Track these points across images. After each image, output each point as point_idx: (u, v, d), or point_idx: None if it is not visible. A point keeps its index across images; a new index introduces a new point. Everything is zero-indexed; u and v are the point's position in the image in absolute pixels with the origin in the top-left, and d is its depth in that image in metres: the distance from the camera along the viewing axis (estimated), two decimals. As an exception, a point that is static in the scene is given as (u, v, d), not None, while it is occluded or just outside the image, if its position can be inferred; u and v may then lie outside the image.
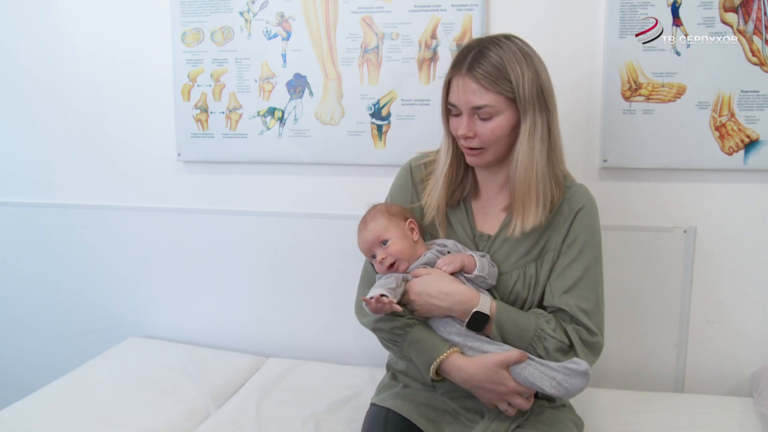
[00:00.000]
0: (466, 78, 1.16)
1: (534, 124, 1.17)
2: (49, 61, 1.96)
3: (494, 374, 1.16)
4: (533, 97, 1.16)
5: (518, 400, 1.18)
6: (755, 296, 1.63)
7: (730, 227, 1.62)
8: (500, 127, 1.18)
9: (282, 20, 1.77)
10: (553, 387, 1.13)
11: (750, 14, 1.51)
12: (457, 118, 1.22)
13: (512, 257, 1.26)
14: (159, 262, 1.99)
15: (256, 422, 1.50)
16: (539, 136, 1.18)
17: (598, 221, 1.28)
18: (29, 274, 2.10)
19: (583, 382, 1.13)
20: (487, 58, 1.15)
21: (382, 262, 1.25)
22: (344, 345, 1.87)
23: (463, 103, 1.18)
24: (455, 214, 1.32)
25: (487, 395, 1.19)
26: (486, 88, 1.15)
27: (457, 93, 1.18)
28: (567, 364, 1.14)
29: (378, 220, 1.29)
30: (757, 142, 1.56)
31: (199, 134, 1.88)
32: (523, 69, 1.15)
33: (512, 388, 1.16)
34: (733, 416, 1.48)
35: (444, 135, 1.29)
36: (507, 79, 1.15)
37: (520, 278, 1.25)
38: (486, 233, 1.29)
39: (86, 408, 1.53)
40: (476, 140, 1.19)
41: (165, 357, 1.85)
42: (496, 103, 1.16)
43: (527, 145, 1.18)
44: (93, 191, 2.01)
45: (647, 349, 1.70)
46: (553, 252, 1.24)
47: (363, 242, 1.29)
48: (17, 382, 2.05)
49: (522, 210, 1.21)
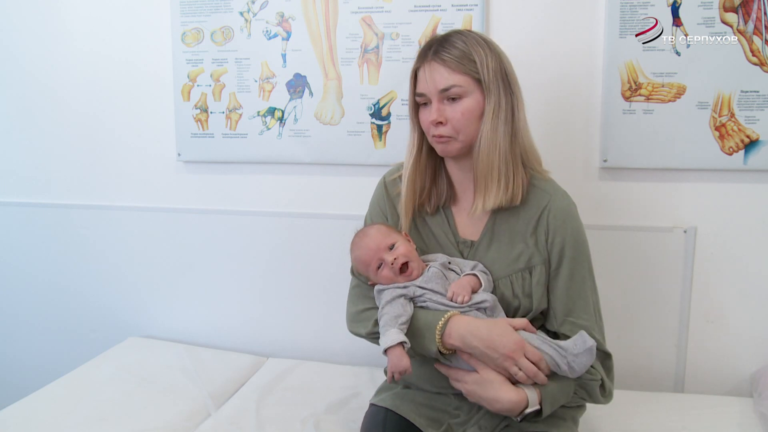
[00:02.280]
0: (432, 62, 1.19)
1: (498, 104, 1.19)
2: (49, 61, 1.96)
3: (499, 326, 1.16)
4: (497, 78, 1.18)
5: (527, 363, 1.15)
6: (755, 296, 1.63)
7: (730, 227, 1.62)
8: (469, 109, 1.19)
9: (282, 20, 1.77)
10: (565, 368, 1.14)
11: (750, 14, 1.51)
12: (426, 108, 1.22)
13: (499, 264, 1.25)
14: (159, 262, 1.99)
15: (255, 422, 1.50)
16: (503, 117, 1.19)
17: (583, 228, 1.27)
18: (29, 274, 2.11)
19: (590, 359, 1.14)
20: (450, 43, 1.19)
21: (394, 263, 1.21)
22: (344, 345, 1.86)
23: (432, 87, 1.19)
24: (436, 222, 1.31)
25: (494, 354, 1.14)
26: (452, 70, 1.17)
27: (424, 80, 1.20)
28: (575, 344, 1.14)
29: (377, 227, 1.28)
30: (757, 142, 1.56)
31: (199, 134, 1.88)
32: (486, 52, 1.19)
33: (520, 341, 1.15)
34: (733, 416, 1.48)
35: (410, 132, 1.29)
36: (472, 60, 1.18)
37: (509, 287, 1.24)
38: (469, 239, 1.28)
39: (86, 408, 1.53)
40: (447, 127, 1.20)
41: (165, 357, 1.85)
42: (464, 83, 1.18)
43: (490, 126, 1.19)
44: (93, 191, 2.01)
45: (647, 349, 1.70)
46: (542, 265, 1.24)
47: (366, 249, 1.24)
48: (17, 382, 2.06)
49: (484, 188, 1.21)
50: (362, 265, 1.27)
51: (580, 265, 1.24)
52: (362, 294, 1.32)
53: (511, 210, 1.25)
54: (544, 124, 1.64)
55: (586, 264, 1.25)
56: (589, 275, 1.26)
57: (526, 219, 1.25)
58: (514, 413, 1.16)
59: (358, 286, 1.34)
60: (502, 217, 1.26)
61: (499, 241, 1.26)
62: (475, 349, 1.15)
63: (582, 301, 1.23)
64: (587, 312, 1.23)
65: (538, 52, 1.63)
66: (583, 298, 1.24)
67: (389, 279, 1.22)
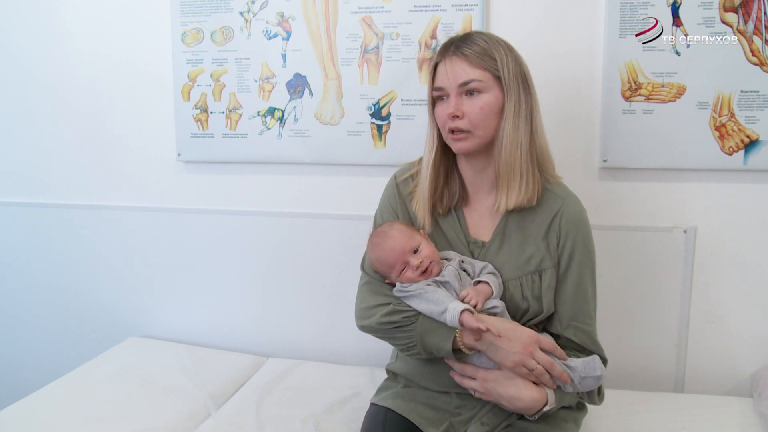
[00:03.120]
0: (453, 57, 1.21)
1: (519, 103, 1.20)
2: (49, 61, 1.96)
3: (508, 323, 1.19)
4: (517, 78, 1.20)
5: (542, 355, 1.16)
6: (755, 296, 1.63)
7: (730, 227, 1.62)
8: (488, 104, 1.19)
9: (282, 20, 1.77)
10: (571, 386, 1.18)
11: (750, 14, 1.51)
12: (443, 103, 1.23)
13: (509, 265, 1.25)
14: (159, 262, 1.99)
15: (255, 422, 1.50)
16: (523, 116, 1.21)
17: (592, 235, 1.29)
18: (29, 274, 2.11)
19: (594, 384, 1.20)
20: (472, 41, 1.21)
21: (419, 267, 1.21)
22: (344, 345, 1.87)
23: (452, 80, 1.20)
24: (447, 223, 1.31)
25: (511, 347, 1.15)
26: (473, 65, 1.19)
27: (444, 74, 1.21)
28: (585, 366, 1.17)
29: (399, 227, 1.27)
30: (757, 142, 1.56)
31: (199, 134, 1.88)
32: (506, 52, 1.21)
33: (533, 333, 1.17)
34: (733, 416, 1.48)
35: (429, 127, 1.30)
36: (492, 58, 1.20)
37: (518, 289, 1.24)
38: (480, 240, 1.29)
39: (86, 408, 1.53)
40: (464, 121, 1.20)
41: (165, 357, 1.85)
42: (484, 78, 1.19)
43: (512, 123, 1.20)
44: (93, 191, 2.01)
45: (647, 349, 1.70)
46: (552, 269, 1.24)
47: (391, 252, 1.24)
48: (17, 382, 2.06)
49: (506, 187, 1.22)
50: (385, 267, 1.27)
51: (587, 271, 1.25)
52: (374, 290, 1.31)
53: (524, 212, 1.26)
54: (544, 124, 1.63)
55: (592, 270, 1.27)
56: (593, 281, 1.28)
57: (538, 222, 1.25)
58: (532, 412, 1.17)
59: (370, 283, 1.33)
60: (514, 218, 1.27)
61: (510, 242, 1.26)
62: (489, 344, 1.16)
63: (586, 306, 1.25)
64: (590, 317, 1.26)
65: (538, 52, 1.63)
66: (588, 303, 1.26)
67: (411, 280, 1.23)
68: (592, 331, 1.25)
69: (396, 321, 1.22)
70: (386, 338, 1.27)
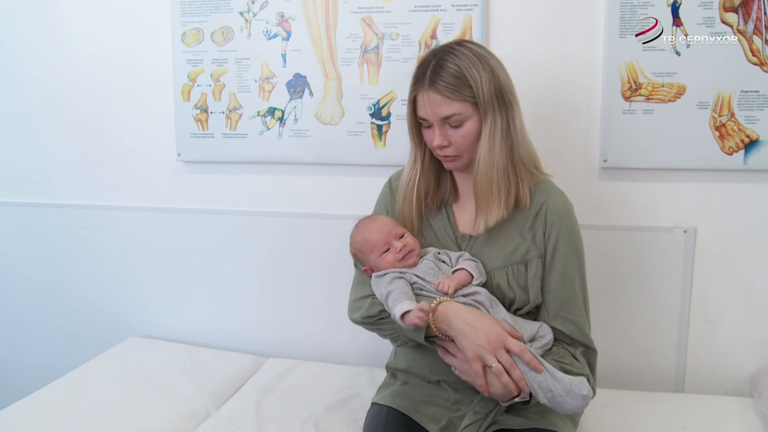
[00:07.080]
0: (429, 92, 1.21)
1: (494, 124, 1.21)
2: (49, 61, 1.96)
3: (488, 318, 1.18)
4: (492, 98, 1.20)
5: (505, 355, 1.13)
6: (755, 296, 1.63)
7: (730, 227, 1.62)
8: (471, 132, 1.22)
9: (282, 20, 1.77)
10: (547, 398, 1.12)
11: (750, 14, 1.51)
12: (429, 129, 1.26)
13: (495, 255, 1.28)
14: (159, 262, 1.99)
15: (255, 422, 1.50)
16: (499, 135, 1.22)
17: (578, 227, 1.30)
18: (29, 274, 2.11)
19: (578, 405, 1.12)
20: (445, 69, 1.20)
21: (401, 250, 1.26)
22: (344, 345, 1.87)
23: (432, 116, 1.22)
24: (437, 219, 1.35)
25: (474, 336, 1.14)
26: (450, 99, 1.20)
27: (424, 107, 1.23)
28: (572, 383, 1.12)
29: (386, 217, 1.35)
30: (757, 142, 1.56)
31: (199, 134, 1.88)
32: (480, 72, 1.19)
33: (507, 328, 1.17)
34: (733, 416, 1.48)
35: (411, 149, 1.33)
36: (468, 86, 1.19)
37: (504, 278, 1.26)
38: (467, 233, 1.32)
39: (86, 408, 1.53)
40: (451, 148, 1.24)
41: (165, 357, 1.85)
42: (463, 110, 1.20)
43: (487, 146, 1.22)
44: (93, 191, 2.01)
45: (647, 349, 1.70)
46: (539, 260, 1.27)
47: (377, 232, 1.29)
48: (17, 382, 2.06)
49: (485, 207, 1.25)
50: (368, 246, 1.31)
51: (572, 262, 1.27)
52: (361, 281, 1.36)
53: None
54: (544, 124, 1.64)
55: (579, 261, 1.29)
56: (581, 272, 1.29)
57: (524, 215, 1.28)
58: (504, 399, 1.17)
59: (358, 276, 1.39)
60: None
61: (497, 235, 1.29)
62: (458, 331, 1.16)
63: (574, 296, 1.27)
64: (578, 308, 1.27)
65: (537, 52, 1.64)
66: (575, 294, 1.27)
67: (390, 264, 1.27)
68: (580, 321, 1.26)
69: (375, 314, 1.27)
70: (374, 330, 1.31)
